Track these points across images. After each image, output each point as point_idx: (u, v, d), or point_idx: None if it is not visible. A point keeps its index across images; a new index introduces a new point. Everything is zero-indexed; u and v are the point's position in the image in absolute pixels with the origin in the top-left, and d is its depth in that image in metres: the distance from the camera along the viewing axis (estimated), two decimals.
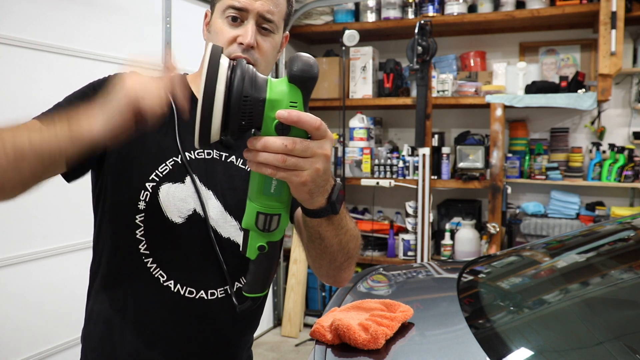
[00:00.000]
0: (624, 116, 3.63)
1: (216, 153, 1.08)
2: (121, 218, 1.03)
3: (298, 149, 0.72)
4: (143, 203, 1.01)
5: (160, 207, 1.01)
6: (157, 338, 1.04)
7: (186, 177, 1.03)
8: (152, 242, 1.02)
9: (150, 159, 1.02)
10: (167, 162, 1.02)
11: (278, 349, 3.62)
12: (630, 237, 1.65)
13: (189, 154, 1.04)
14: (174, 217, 1.02)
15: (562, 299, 1.34)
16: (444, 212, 3.85)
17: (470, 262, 1.68)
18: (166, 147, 1.03)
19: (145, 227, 1.02)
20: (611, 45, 3.06)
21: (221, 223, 1.06)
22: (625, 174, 3.35)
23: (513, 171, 3.60)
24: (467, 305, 1.31)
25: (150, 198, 1.01)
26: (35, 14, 2.21)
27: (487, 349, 1.06)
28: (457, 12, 3.62)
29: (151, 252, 1.03)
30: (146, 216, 1.01)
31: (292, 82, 0.72)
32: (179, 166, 1.03)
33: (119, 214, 1.03)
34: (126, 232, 1.02)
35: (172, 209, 1.02)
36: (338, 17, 3.97)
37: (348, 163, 3.85)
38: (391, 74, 3.83)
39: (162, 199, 1.01)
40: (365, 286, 1.50)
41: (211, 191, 1.05)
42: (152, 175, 1.01)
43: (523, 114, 3.79)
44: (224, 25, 1.03)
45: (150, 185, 1.01)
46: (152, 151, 1.02)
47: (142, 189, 1.01)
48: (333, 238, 0.92)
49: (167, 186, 1.02)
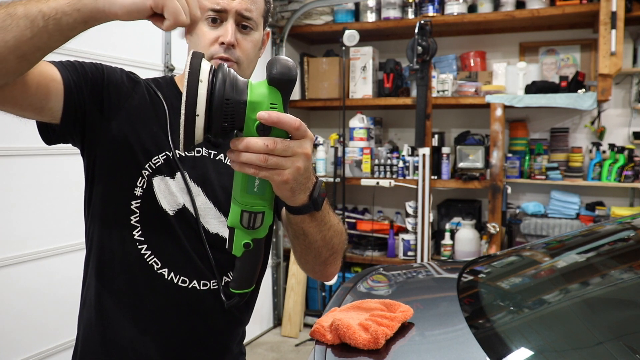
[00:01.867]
0: (624, 116, 3.63)
1: (205, 151, 1.10)
2: (116, 203, 1.04)
3: (279, 149, 0.75)
4: (140, 190, 1.03)
5: (155, 196, 1.03)
6: (150, 325, 1.06)
7: (176, 173, 1.05)
8: (146, 229, 1.04)
9: (144, 149, 1.03)
10: (160, 155, 1.04)
11: (278, 349, 3.62)
12: (630, 237, 1.65)
13: (180, 152, 1.05)
14: (166, 207, 1.05)
15: (562, 299, 1.34)
16: (444, 212, 3.85)
17: (470, 262, 1.68)
18: (159, 141, 1.05)
19: (141, 213, 1.03)
20: (611, 45, 3.06)
21: (209, 219, 1.08)
22: (625, 174, 3.35)
23: (513, 171, 3.60)
24: (467, 305, 1.30)
25: (147, 185, 1.03)
26: None
27: (487, 349, 1.06)
28: (457, 12, 3.62)
29: (146, 239, 1.04)
30: (142, 203, 1.03)
31: (272, 84, 0.75)
32: (170, 161, 1.05)
33: (114, 198, 1.04)
34: (121, 217, 1.03)
35: (165, 201, 1.04)
36: (338, 17, 3.97)
37: (348, 163, 3.85)
38: (391, 74, 3.83)
39: (156, 188, 1.04)
40: (365, 286, 1.50)
41: (200, 187, 1.07)
42: (146, 166, 1.03)
43: (523, 114, 3.79)
44: (204, 27, 1.05)
45: (146, 173, 1.03)
46: (146, 143, 1.04)
47: (139, 175, 1.03)
48: (317, 234, 0.95)
49: (159, 179, 1.04)
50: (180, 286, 1.06)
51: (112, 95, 1.03)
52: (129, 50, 2.63)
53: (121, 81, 1.05)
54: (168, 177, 1.05)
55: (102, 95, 1.01)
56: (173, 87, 1.13)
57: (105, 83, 1.02)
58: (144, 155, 1.03)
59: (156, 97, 1.08)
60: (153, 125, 1.05)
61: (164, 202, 1.04)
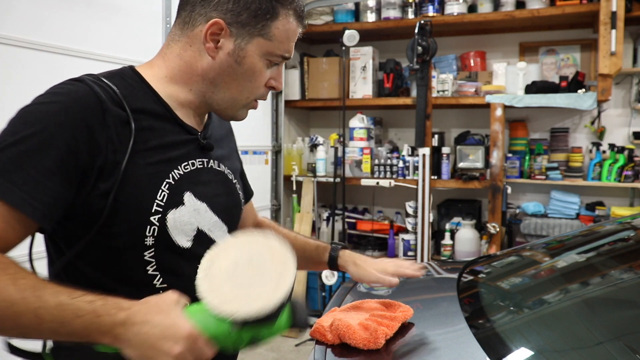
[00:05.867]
0: (624, 116, 3.63)
1: (198, 161, 1.02)
2: (123, 258, 0.93)
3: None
4: (151, 239, 0.93)
5: (170, 237, 0.95)
6: None
7: (183, 196, 0.97)
8: (166, 274, 0.97)
9: (145, 190, 0.92)
10: (162, 186, 0.94)
11: (278, 349, 3.62)
12: (630, 237, 1.65)
13: (177, 171, 0.97)
14: (182, 242, 0.97)
15: (562, 299, 1.34)
16: (444, 212, 3.84)
17: (470, 262, 1.68)
18: (154, 171, 0.94)
19: (157, 261, 0.95)
20: (611, 45, 3.06)
21: (217, 232, 1.04)
22: (625, 174, 3.35)
23: (513, 171, 3.60)
24: (467, 305, 1.30)
25: (158, 231, 0.94)
26: (34, 14, 2.21)
27: (487, 349, 1.06)
28: (457, 12, 3.61)
29: (169, 284, 0.96)
30: (156, 250, 0.95)
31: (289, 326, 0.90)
32: (173, 187, 0.96)
33: (118, 255, 0.93)
34: (134, 270, 0.94)
35: (181, 235, 0.97)
36: (338, 17, 3.97)
37: (348, 163, 3.85)
38: (391, 74, 3.83)
39: (171, 228, 0.95)
40: (365, 286, 1.50)
41: (204, 203, 1.02)
42: (155, 207, 0.93)
43: (523, 114, 3.79)
44: (264, 67, 1.00)
45: (155, 218, 0.93)
46: (143, 182, 0.92)
47: (146, 224, 0.92)
48: None
49: (172, 213, 0.95)
50: None
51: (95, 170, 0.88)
52: (129, 50, 2.63)
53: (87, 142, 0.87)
54: (180, 206, 0.96)
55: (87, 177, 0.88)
56: (143, 85, 0.98)
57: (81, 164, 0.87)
58: (147, 197, 0.92)
59: (126, 116, 0.91)
60: (142, 158, 0.92)
61: (180, 237, 0.97)
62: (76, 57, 2.36)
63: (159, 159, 0.95)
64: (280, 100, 3.98)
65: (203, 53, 0.98)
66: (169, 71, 1.01)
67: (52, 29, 2.28)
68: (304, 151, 4.14)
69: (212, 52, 0.97)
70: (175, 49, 1.00)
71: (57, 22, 2.30)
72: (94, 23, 2.47)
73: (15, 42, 2.13)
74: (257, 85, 1.01)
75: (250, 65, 0.98)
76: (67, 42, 2.34)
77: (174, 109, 1.00)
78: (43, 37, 2.24)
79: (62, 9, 2.33)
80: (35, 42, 2.21)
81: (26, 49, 2.17)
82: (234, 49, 0.97)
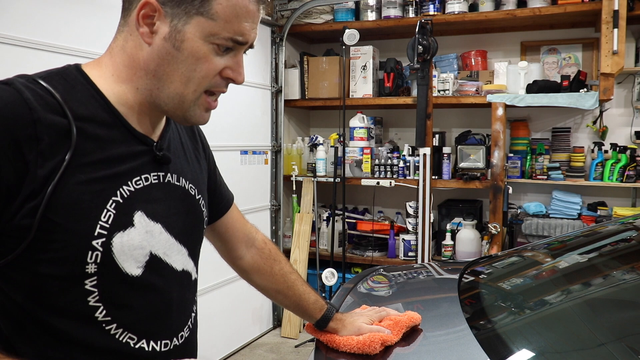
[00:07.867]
0: (626, 116, 3.62)
1: (153, 176, 0.89)
2: (61, 288, 0.81)
3: None
4: (93, 266, 0.81)
5: (116, 263, 0.83)
6: None
7: (133, 217, 0.85)
8: (111, 306, 0.84)
9: (86, 211, 0.79)
10: (108, 206, 0.81)
11: (278, 350, 3.61)
12: (632, 238, 1.64)
13: (127, 187, 0.85)
14: (131, 269, 0.85)
15: (564, 299, 1.33)
16: (445, 212, 3.83)
17: (471, 263, 1.67)
18: (99, 188, 0.81)
19: (101, 291, 0.83)
20: (613, 44, 3.04)
21: (174, 256, 0.92)
22: (628, 174, 3.34)
23: (514, 171, 3.59)
24: (468, 306, 1.29)
25: (102, 257, 0.81)
26: (31, 12, 2.20)
27: (488, 350, 1.05)
28: (458, 10, 3.60)
29: (113, 317, 0.84)
30: (99, 279, 0.82)
31: None
32: (121, 206, 0.83)
33: (54, 284, 0.80)
34: (74, 302, 0.82)
35: (130, 261, 0.84)
36: (338, 16, 3.96)
37: (348, 163, 3.84)
38: (392, 73, 3.82)
39: (117, 254, 0.83)
40: (365, 287, 1.49)
41: (159, 223, 0.89)
42: (98, 229, 0.80)
43: (524, 113, 3.78)
44: (211, 53, 0.83)
45: (98, 242, 0.80)
46: (84, 200, 0.79)
47: (87, 250, 0.80)
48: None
49: (119, 236, 0.82)
50: (164, 352, 0.91)
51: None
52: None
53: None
54: (129, 228, 0.84)
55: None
56: (89, 87, 0.85)
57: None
58: (88, 218, 0.80)
59: (67, 125, 0.79)
60: (84, 170, 0.80)
61: (129, 264, 0.84)
62: (74, 56, 2.35)
63: (104, 174, 0.82)
64: (280, 99, 3.98)
65: (142, 41, 0.84)
66: (115, 68, 0.86)
67: (49, 27, 2.27)
68: (304, 151, 4.13)
69: (148, 37, 0.83)
70: (119, 42, 0.87)
71: (54, 20, 2.29)
72: (91, 21, 2.46)
73: (11, 40, 2.12)
74: (204, 75, 0.84)
75: (191, 50, 0.82)
76: (63, 41, 2.33)
77: (125, 115, 0.86)
78: (39, 36, 2.23)
79: (59, 6, 2.32)
80: (32, 40, 2.20)
81: (22, 47, 2.16)
82: (170, 32, 0.82)
